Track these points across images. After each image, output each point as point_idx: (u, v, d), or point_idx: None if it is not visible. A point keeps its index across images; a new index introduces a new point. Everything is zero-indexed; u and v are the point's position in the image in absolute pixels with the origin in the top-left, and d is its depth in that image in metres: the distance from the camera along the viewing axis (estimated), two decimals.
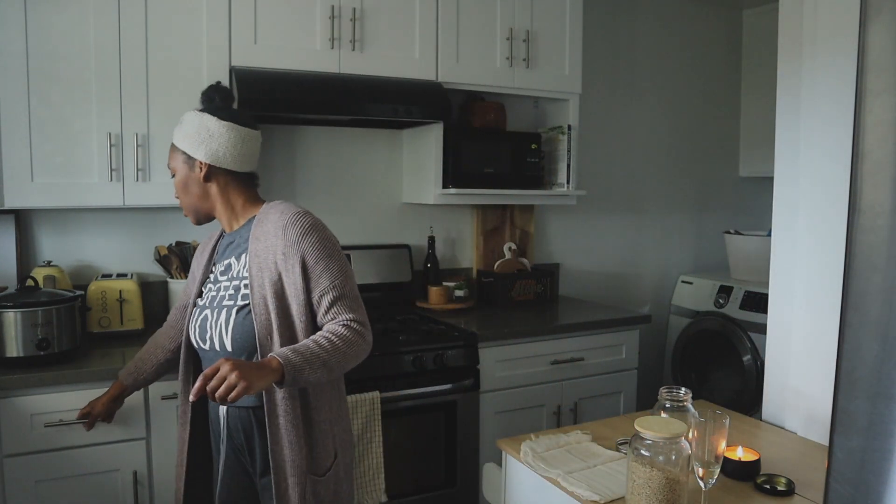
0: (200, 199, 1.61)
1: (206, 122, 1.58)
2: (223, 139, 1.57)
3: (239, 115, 1.62)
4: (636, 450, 1.29)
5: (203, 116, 1.59)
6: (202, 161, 1.57)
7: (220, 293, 1.58)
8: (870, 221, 0.73)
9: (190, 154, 1.58)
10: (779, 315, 1.95)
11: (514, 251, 3.29)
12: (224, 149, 1.57)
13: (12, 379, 1.93)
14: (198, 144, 1.57)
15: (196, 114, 1.60)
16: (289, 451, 1.48)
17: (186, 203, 1.64)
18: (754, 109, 3.91)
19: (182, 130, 1.60)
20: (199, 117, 1.59)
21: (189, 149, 1.58)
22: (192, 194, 1.61)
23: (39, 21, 2.17)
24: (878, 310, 0.73)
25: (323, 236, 1.52)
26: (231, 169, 1.60)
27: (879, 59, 0.72)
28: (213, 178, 1.60)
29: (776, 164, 1.96)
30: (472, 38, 2.83)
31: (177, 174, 1.62)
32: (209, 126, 1.57)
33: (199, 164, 1.58)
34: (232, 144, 1.58)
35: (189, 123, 1.60)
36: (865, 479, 0.73)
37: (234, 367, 1.29)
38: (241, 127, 1.60)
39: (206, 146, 1.57)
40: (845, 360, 0.76)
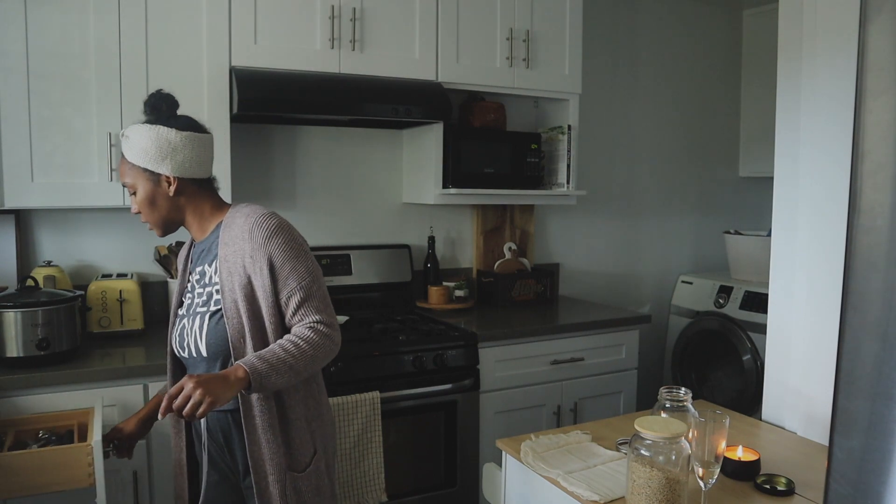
0: (170, 212, 1.58)
1: (164, 134, 1.51)
2: (187, 150, 1.53)
3: (190, 120, 1.58)
4: (636, 450, 1.29)
5: (159, 129, 1.51)
6: (169, 175, 1.53)
7: (195, 300, 1.59)
8: (870, 221, 0.73)
9: (152, 170, 1.52)
10: (779, 315, 1.95)
11: (514, 251, 3.29)
12: (189, 160, 1.54)
13: (12, 379, 1.93)
14: (161, 159, 1.51)
15: (149, 127, 1.52)
16: (266, 449, 1.49)
17: (154, 218, 1.59)
18: (754, 109, 3.91)
19: (137, 146, 1.51)
20: (154, 130, 1.51)
21: (151, 165, 1.51)
22: (159, 208, 1.57)
23: (39, 21, 2.17)
24: (878, 310, 0.73)
25: (289, 237, 1.51)
26: (197, 177, 1.58)
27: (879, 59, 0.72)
28: (182, 191, 1.56)
29: (776, 164, 1.96)
30: (472, 38, 2.83)
31: (139, 191, 1.55)
32: (170, 139, 1.51)
33: (167, 179, 1.53)
34: (196, 154, 1.55)
35: (144, 138, 1.51)
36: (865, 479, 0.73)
37: (197, 385, 1.32)
38: (199, 134, 1.56)
39: (171, 160, 1.52)
40: (845, 360, 0.76)
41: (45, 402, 1.96)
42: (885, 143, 0.72)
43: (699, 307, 3.58)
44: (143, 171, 1.53)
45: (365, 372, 2.32)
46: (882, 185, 0.72)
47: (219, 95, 2.40)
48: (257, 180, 2.82)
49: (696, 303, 3.61)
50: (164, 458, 2.10)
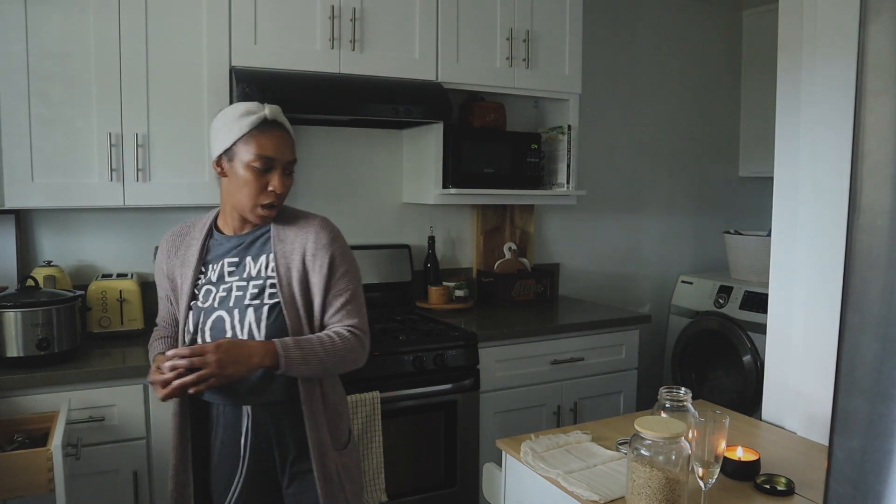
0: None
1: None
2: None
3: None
4: (636, 450, 1.29)
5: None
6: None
7: (235, 293, 1.57)
8: (870, 221, 0.73)
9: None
10: (779, 315, 1.95)
11: (514, 251, 3.29)
12: None
13: (12, 379, 1.93)
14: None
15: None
16: (322, 431, 1.58)
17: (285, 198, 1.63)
18: (754, 109, 3.91)
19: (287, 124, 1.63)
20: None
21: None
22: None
23: (39, 21, 2.17)
24: (878, 310, 0.73)
25: (346, 244, 1.67)
26: None
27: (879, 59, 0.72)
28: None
29: (776, 164, 1.96)
30: (472, 38, 2.83)
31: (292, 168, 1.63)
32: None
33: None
34: None
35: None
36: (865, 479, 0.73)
37: (217, 362, 1.42)
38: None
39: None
40: (845, 360, 0.76)
41: (45, 403, 1.96)
42: (885, 143, 0.72)
43: (699, 307, 3.58)
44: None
45: (365, 372, 2.31)
46: (882, 185, 0.72)
47: (219, 95, 2.40)
48: None
49: (696, 303, 3.61)
50: (165, 458, 2.10)
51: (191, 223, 1.70)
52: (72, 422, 1.97)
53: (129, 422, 2.06)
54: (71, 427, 1.93)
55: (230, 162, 1.56)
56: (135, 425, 2.07)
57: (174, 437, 1.61)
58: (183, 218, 2.67)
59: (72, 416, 1.98)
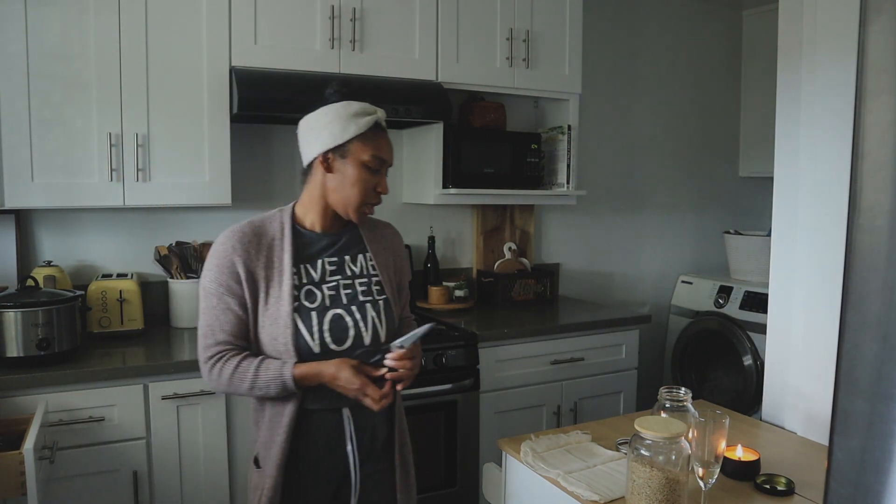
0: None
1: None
2: None
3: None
4: (636, 450, 1.29)
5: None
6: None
7: (344, 292, 1.56)
8: (870, 221, 0.73)
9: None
10: (779, 315, 1.95)
11: (514, 251, 3.29)
12: None
13: (12, 379, 1.93)
14: None
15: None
16: (404, 423, 1.66)
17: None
18: (754, 109, 3.91)
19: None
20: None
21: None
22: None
23: (39, 21, 2.17)
24: (878, 310, 0.73)
25: None
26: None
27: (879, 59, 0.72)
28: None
29: (776, 164, 1.96)
30: (472, 38, 2.83)
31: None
32: None
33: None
34: None
35: None
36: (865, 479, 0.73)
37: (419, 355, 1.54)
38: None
39: None
40: (845, 360, 0.76)
41: (45, 402, 1.96)
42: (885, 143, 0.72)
43: (699, 307, 3.58)
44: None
45: None
46: (882, 185, 0.72)
47: (219, 95, 2.40)
48: (257, 180, 2.82)
49: (696, 303, 3.61)
50: (165, 458, 2.10)
51: (258, 222, 1.55)
52: (70, 422, 1.98)
53: (129, 422, 2.06)
54: (48, 429, 1.92)
55: (342, 159, 1.52)
56: (135, 425, 2.07)
57: (278, 450, 1.49)
58: (183, 218, 2.69)
59: (71, 415, 1.98)
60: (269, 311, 1.49)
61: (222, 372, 1.47)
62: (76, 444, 1.99)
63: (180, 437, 2.12)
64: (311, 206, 1.58)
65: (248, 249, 1.50)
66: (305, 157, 1.57)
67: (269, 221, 1.57)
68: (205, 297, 1.50)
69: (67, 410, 1.98)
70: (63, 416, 1.97)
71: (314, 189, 1.57)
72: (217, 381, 1.49)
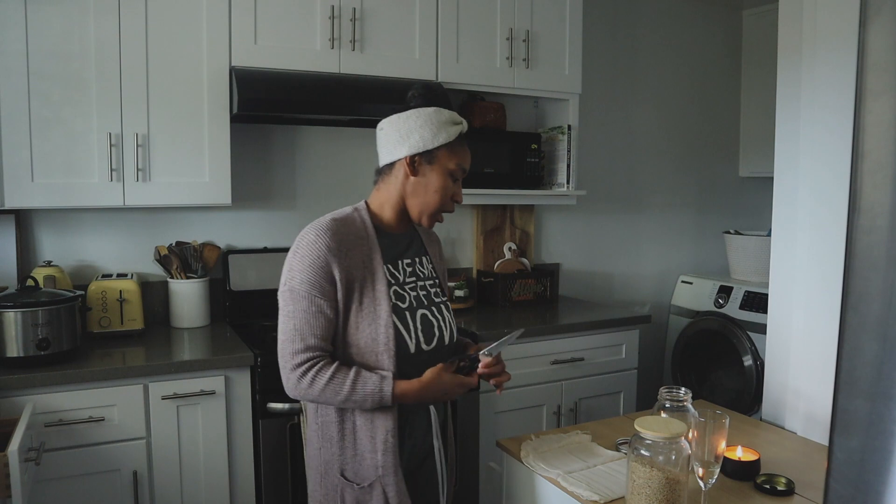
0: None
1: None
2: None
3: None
4: (636, 450, 1.29)
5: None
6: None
7: (421, 293, 1.57)
8: (870, 221, 0.73)
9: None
10: (779, 315, 1.95)
11: (514, 251, 3.29)
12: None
13: (12, 379, 1.93)
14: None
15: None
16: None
17: None
18: (754, 109, 3.91)
19: None
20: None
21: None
22: None
23: (39, 21, 2.17)
24: (878, 310, 0.73)
25: None
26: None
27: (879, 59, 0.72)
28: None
29: (776, 164, 1.96)
30: (472, 38, 2.83)
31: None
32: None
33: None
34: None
35: None
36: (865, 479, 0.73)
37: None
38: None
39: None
40: (845, 360, 0.76)
41: (45, 403, 1.96)
42: (885, 143, 0.72)
43: (699, 307, 3.58)
44: None
45: None
46: (882, 185, 0.72)
47: (219, 95, 2.40)
48: (257, 180, 2.82)
49: (696, 303, 3.61)
50: (165, 458, 2.10)
51: (341, 219, 1.51)
52: (70, 421, 1.98)
53: (129, 422, 2.06)
54: (44, 430, 1.93)
55: (428, 164, 1.52)
56: (135, 425, 2.07)
57: (392, 450, 1.46)
58: (183, 218, 2.69)
59: (71, 415, 1.98)
60: (366, 312, 1.45)
61: (315, 381, 1.40)
62: (76, 445, 1.99)
63: (180, 437, 2.12)
64: (389, 205, 1.57)
65: (341, 248, 1.45)
66: (387, 157, 1.55)
67: (350, 219, 1.52)
68: (292, 300, 1.43)
69: (67, 410, 1.98)
70: (63, 416, 1.97)
71: (393, 189, 1.56)
72: (307, 390, 1.41)
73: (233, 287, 2.67)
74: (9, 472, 1.55)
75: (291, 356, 1.43)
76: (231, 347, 2.28)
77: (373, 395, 1.41)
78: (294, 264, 1.45)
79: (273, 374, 2.18)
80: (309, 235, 1.45)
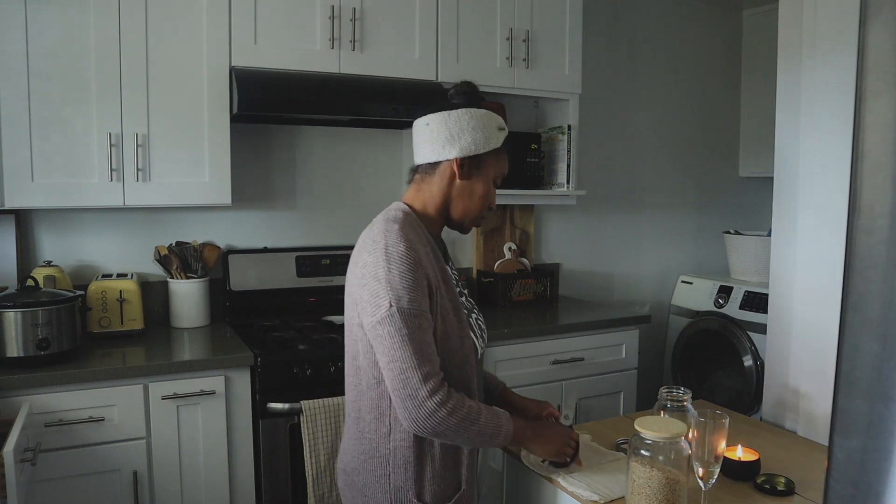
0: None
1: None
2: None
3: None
4: (636, 450, 1.29)
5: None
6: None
7: (462, 296, 1.55)
8: (870, 221, 0.73)
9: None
10: (779, 315, 1.96)
11: (514, 251, 3.29)
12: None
13: (12, 379, 1.93)
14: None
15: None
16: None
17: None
18: (754, 109, 3.91)
19: None
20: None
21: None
22: None
23: (39, 21, 2.17)
24: (878, 310, 0.73)
25: None
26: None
27: (879, 59, 0.72)
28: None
29: (776, 164, 1.96)
30: (472, 38, 2.83)
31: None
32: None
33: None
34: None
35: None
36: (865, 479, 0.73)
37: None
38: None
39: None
40: (845, 360, 0.76)
41: (45, 403, 1.96)
42: (885, 143, 0.72)
43: (699, 307, 3.58)
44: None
45: None
46: (882, 185, 0.72)
47: (219, 95, 2.40)
48: (257, 180, 2.82)
49: (696, 303, 3.61)
50: (165, 458, 2.10)
51: (407, 224, 1.43)
52: (70, 421, 1.98)
53: (129, 422, 2.06)
54: (42, 430, 1.93)
55: (476, 169, 1.47)
56: (135, 425, 2.07)
57: (477, 462, 1.46)
58: (183, 218, 2.69)
59: (71, 415, 1.98)
60: (450, 318, 1.38)
61: (456, 409, 1.28)
62: (76, 445, 1.99)
63: (180, 437, 2.12)
64: (432, 207, 1.52)
65: (426, 257, 1.37)
66: (432, 155, 1.48)
67: (411, 223, 1.45)
68: (404, 322, 1.28)
69: (67, 410, 1.98)
70: (63, 416, 1.97)
71: (437, 190, 1.50)
72: (446, 419, 1.27)
73: (233, 287, 2.68)
74: (4, 472, 1.55)
75: (421, 384, 1.27)
76: (231, 347, 2.28)
77: (498, 430, 1.33)
78: (395, 282, 1.30)
79: (273, 374, 2.19)
80: (399, 247, 1.34)
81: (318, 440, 2.16)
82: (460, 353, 1.39)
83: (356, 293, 1.37)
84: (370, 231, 1.43)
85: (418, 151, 1.50)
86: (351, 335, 1.42)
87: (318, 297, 2.81)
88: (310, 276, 2.81)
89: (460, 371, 1.38)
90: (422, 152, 1.50)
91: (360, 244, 1.43)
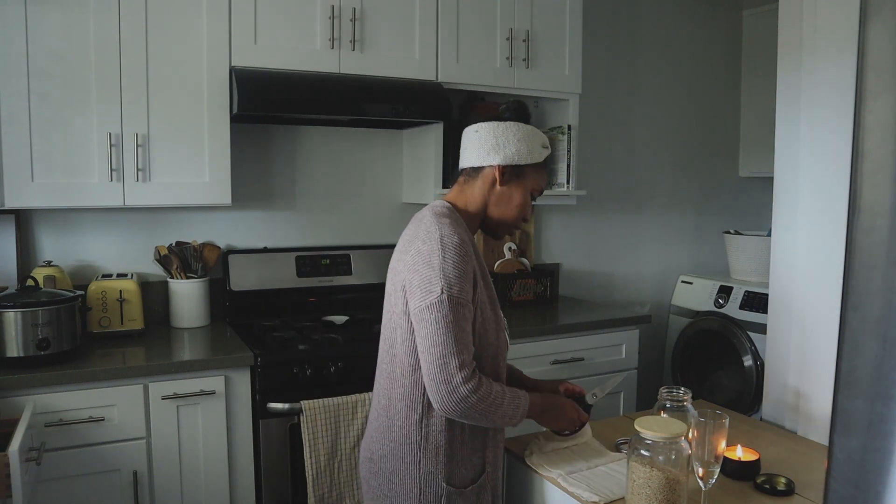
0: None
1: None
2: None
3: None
4: (636, 450, 1.29)
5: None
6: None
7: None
8: (870, 221, 0.73)
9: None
10: (779, 315, 1.96)
11: (514, 251, 3.29)
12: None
13: (12, 379, 1.93)
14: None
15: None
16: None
17: None
18: (754, 109, 3.91)
19: None
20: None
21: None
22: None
23: (39, 21, 2.17)
24: (878, 310, 0.73)
25: None
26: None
27: (879, 59, 0.72)
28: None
29: (776, 164, 1.96)
30: (472, 38, 2.82)
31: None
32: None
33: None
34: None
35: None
36: (865, 479, 0.73)
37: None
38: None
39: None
40: (845, 360, 0.76)
41: (45, 403, 1.96)
42: (885, 143, 0.72)
43: (699, 307, 3.58)
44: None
45: (365, 372, 2.32)
46: (882, 185, 0.72)
47: (219, 95, 2.40)
48: (257, 180, 2.82)
49: (696, 303, 3.61)
50: (165, 458, 2.10)
51: (454, 218, 1.50)
52: (70, 422, 1.98)
53: (129, 422, 2.06)
54: (44, 430, 1.93)
55: (517, 178, 1.54)
56: (135, 425, 2.07)
57: (500, 444, 1.54)
58: (183, 218, 2.69)
59: (71, 415, 1.98)
60: (487, 312, 1.46)
61: (488, 394, 1.36)
62: (76, 445, 1.99)
63: (180, 437, 2.12)
64: (473, 207, 1.58)
65: (468, 253, 1.43)
66: (476, 160, 1.55)
67: (457, 217, 1.52)
68: (451, 309, 1.35)
69: (67, 410, 1.98)
70: (63, 416, 1.97)
71: (478, 193, 1.57)
72: (477, 404, 1.35)
73: (233, 287, 2.68)
74: (10, 472, 1.55)
75: (457, 370, 1.34)
76: (231, 347, 2.28)
77: (517, 410, 1.42)
78: (448, 270, 1.37)
79: (273, 374, 2.19)
80: (453, 238, 1.41)
81: (318, 440, 2.16)
82: (495, 346, 1.47)
83: (405, 278, 1.43)
84: (420, 223, 1.50)
85: (465, 156, 1.59)
86: (390, 323, 1.49)
87: (317, 297, 2.82)
88: (310, 276, 2.81)
89: (493, 362, 1.47)
90: (468, 157, 1.58)
91: (411, 234, 1.50)
